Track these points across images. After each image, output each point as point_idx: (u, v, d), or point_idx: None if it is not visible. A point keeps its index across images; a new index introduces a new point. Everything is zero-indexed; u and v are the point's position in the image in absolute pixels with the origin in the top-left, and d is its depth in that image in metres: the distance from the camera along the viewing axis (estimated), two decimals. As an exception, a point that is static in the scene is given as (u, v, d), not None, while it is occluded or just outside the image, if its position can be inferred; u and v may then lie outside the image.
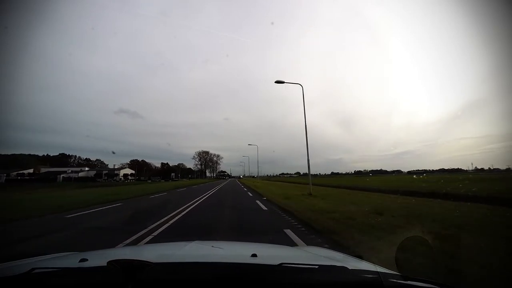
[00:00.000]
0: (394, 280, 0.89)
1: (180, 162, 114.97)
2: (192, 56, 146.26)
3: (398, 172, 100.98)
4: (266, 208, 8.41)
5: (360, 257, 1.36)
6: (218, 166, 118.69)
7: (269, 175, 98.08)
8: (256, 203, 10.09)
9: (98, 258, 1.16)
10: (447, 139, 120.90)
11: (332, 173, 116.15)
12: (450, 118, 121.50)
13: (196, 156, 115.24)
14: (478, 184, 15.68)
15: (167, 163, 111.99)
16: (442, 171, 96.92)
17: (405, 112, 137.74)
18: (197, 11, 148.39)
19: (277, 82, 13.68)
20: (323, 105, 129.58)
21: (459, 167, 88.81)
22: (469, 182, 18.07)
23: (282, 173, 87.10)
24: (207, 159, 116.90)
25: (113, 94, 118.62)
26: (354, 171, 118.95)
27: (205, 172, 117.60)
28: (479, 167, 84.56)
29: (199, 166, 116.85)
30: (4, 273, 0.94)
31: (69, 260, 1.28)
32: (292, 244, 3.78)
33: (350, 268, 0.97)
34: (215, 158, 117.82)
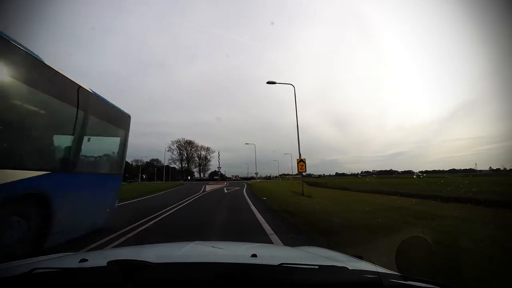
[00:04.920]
0: (394, 280, 0.88)
1: (155, 158, 77.36)
2: (192, 56, 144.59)
3: (409, 172, 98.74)
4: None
5: (360, 257, 1.35)
6: (208, 163, 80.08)
7: (268, 176, 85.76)
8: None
9: (98, 258, 1.16)
10: (442, 139, 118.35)
11: (337, 173, 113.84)
12: (444, 119, 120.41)
13: (173, 148, 73.84)
14: None
15: None
16: (453, 171, 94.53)
17: (399, 113, 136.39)
18: (197, 11, 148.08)
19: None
20: (318, 105, 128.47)
21: (471, 167, 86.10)
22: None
23: (283, 174, 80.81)
24: (190, 152, 76.83)
25: (108, 93, 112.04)
26: (361, 171, 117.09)
27: (190, 171, 78.01)
28: (479, 168, 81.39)
29: (178, 164, 76.48)
30: (4, 273, 0.94)
31: (69, 260, 1.28)
32: None
33: (350, 268, 0.96)
34: (203, 153, 78.44)
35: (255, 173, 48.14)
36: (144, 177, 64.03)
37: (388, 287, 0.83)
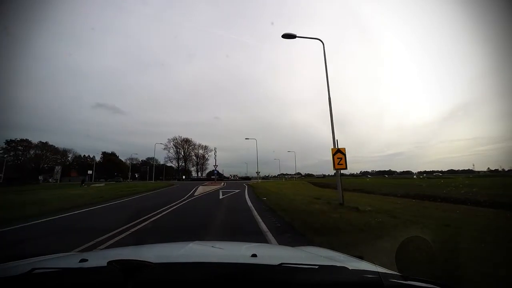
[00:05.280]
0: (394, 280, 0.88)
1: (150, 156, 72.33)
2: (192, 55, 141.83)
3: (408, 172, 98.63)
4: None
5: (360, 257, 1.35)
6: (206, 162, 76.29)
7: (266, 175, 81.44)
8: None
9: (98, 258, 1.16)
10: (440, 140, 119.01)
11: (335, 173, 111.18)
12: (442, 119, 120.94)
13: (169, 146, 71.55)
14: None
15: (112, 153, 70.14)
16: (451, 172, 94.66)
17: (397, 113, 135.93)
18: (197, 11, 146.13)
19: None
20: (316, 105, 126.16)
21: (470, 168, 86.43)
22: None
23: (281, 174, 77.44)
24: (188, 151, 73.10)
25: (107, 91, 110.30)
26: (360, 172, 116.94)
27: (187, 170, 74.00)
28: (477, 169, 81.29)
29: (175, 162, 73.34)
30: (4, 273, 0.94)
31: (69, 260, 1.29)
32: None
33: (350, 268, 0.96)
34: (201, 151, 74.90)
35: (256, 172, 41.37)
36: (136, 176, 60.69)
37: (388, 287, 0.83)
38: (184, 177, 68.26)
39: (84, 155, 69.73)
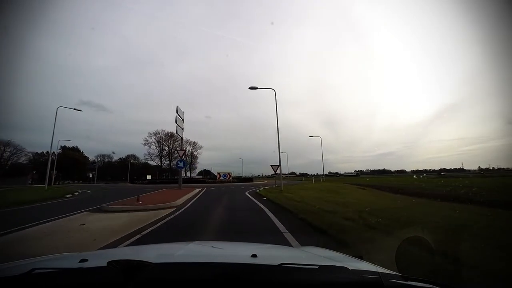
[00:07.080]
0: (394, 280, 0.89)
1: (130, 153, 63.07)
2: (187, 54, 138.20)
3: (402, 172, 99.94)
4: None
5: (360, 257, 1.36)
6: (195, 161, 64.89)
7: (260, 175, 76.54)
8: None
9: (98, 259, 1.16)
10: (428, 140, 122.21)
11: (330, 173, 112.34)
12: (430, 120, 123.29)
13: (151, 141, 58.79)
14: None
15: (74, 147, 57.67)
16: (444, 171, 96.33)
17: (387, 113, 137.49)
18: (193, 9, 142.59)
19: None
20: (309, 105, 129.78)
21: (460, 167, 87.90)
22: None
23: (276, 173, 71.87)
24: (173, 147, 59.23)
25: (99, 88, 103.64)
26: (355, 171, 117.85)
27: (173, 169, 60.28)
28: (466, 168, 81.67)
29: (157, 161, 60.62)
30: (4, 273, 0.94)
31: (69, 261, 1.28)
32: None
33: (350, 268, 0.96)
34: (189, 148, 61.34)
35: (274, 167, 19.42)
36: (90, 176, 51.75)
37: (388, 287, 0.83)
38: (149, 177, 54.70)
39: (48, 152, 59.77)
